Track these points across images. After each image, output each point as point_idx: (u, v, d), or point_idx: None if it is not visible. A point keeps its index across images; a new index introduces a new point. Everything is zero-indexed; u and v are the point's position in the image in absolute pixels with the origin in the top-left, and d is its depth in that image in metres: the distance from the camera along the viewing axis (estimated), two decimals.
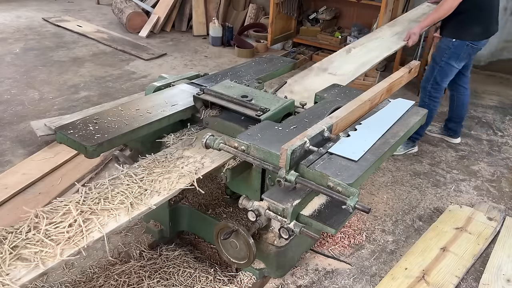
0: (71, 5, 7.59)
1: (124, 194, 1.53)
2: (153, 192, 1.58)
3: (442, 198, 2.99)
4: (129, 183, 1.60)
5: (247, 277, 2.11)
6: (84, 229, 1.38)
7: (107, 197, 1.52)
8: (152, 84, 2.23)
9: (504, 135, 3.94)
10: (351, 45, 2.88)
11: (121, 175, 1.64)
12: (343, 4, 5.80)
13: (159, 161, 1.77)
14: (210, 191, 2.40)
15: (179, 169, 1.72)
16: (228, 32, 5.89)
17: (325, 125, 1.68)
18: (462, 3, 2.93)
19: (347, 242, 2.50)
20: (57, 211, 1.44)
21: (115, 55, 5.33)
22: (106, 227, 1.41)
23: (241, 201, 1.71)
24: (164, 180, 1.64)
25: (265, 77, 2.45)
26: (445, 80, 3.24)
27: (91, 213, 1.45)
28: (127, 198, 1.52)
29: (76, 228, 1.38)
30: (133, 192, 1.55)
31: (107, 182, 1.60)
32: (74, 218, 1.40)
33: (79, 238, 1.35)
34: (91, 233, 1.37)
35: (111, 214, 1.45)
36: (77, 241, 1.34)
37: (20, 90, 4.17)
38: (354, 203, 1.39)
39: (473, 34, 3.05)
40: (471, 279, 2.30)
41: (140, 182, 1.62)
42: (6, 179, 2.74)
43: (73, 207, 1.44)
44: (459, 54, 3.10)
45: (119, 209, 1.48)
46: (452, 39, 3.06)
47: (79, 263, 2.24)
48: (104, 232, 1.38)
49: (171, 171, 1.70)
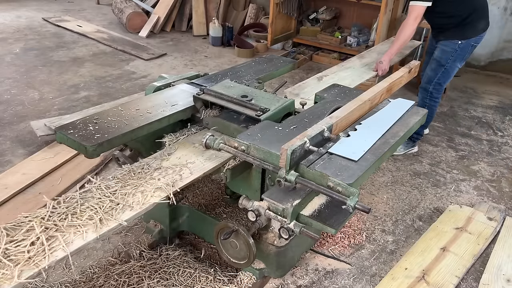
0: (71, 5, 7.59)
1: (93, 209, 1.44)
2: (125, 206, 1.49)
3: (442, 198, 2.99)
4: (101, 197, 1.51)
5: (247, 277, 2.11)
6: (46, 248, 1.28)
7: (76, 212, 1.43)
8: (152, 84, 2.23)
9: (504, 135, 3.94)
10: (323, 73, 2.92)
11: (93, 187, 1.55)
12: (343, 4, 5.80)
13: (135, 172, 1.67)
14: (210, 191, 2.40)
15: (156, 181, 1.62)
16: (228, 32, 5.89)
17: (325, 125, 1.68)
18: (462, 8, 2.97)
19: (347, 242, 2.50)
20: (21, 228, 1.34)
21: (115, 55, 5.33)
22: (71, 245, 1.31)
23: (241, 201, 1.71)
24: (138, 193, 1.55)
25: (265, 77, 2.45)
26: (447, 81, 3.29)
27: (57, 230, 1.35)
28: (97, 214, 1.43)
29: (38, 246, 1.28)
30: (103, 207, 1.46)
31: (78, 195, 1.51)
32: (37, 236, 1.31)
33: (41, 258, 1.25)
34: (54, 252, 1.28)
35: (78, 231, 1.36)
36: (38, 261, 1.24)
37: (20, 90, 4.17)
38: (354, 203, 1.39)
39: (476, 30, 3.10)
40: (471, 279, 2.30)
41: (112, 195, 1.52)
42: (6, 179, 2.74)
43: (37, 224, 1.35)
44: (464, 55, 3.15)
45: (87, 225, 1.39)
46: (458, 41, 3.08)
47: (79, 263, 2.24)
48: (69, 251, 1.29)
49: (147, 183, 1.61)
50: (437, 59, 3.20)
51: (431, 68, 3.26)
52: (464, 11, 3.02)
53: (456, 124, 4.08)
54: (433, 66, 3.24)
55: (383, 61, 3.07)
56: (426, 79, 3.30)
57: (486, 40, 5.25)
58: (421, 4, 2.96)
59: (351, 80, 2.89)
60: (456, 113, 4.32)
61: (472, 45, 3.12)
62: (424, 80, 3.32)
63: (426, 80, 3.30)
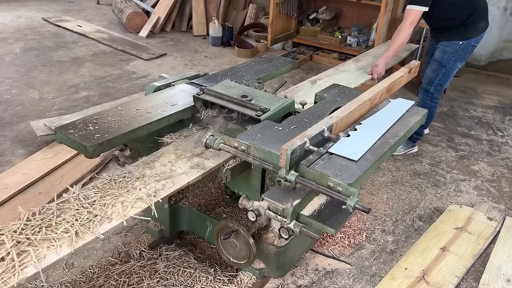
0: (71, 5, 7.59)
1: (70, 222, 1.37)
2: (103, 218, 1.41)
3: (442, 198, 2.99)
4: (79, 208, 1.44)
5: (247, 277, 2.12)
6: (17, 264, 1.21)
7: (51, 225, 1.35)
8: (152, 84, 2.23)
9: (504, 135, 3.94)
10: (317, 76, 2.89)
11: (71, 198, 1.48)
12: (343, 4, 5.80)
13: (116, 181, 1.59)
14: (210, 191, 2.40)
15: (137, 191, 1.54)
16: (228, 32, 5.89)
17: (325, 125, 1.68)
18: (461, 10, 2.97)
19: (347, 242, 2.50)
20: None
21: (115, 55, 5.33)
22: (44, 261, 1.24)
23: (241, 201, 1.71)
24: (118, 204, 1.47)
25: (265, 77, 2.45)
26: (447, 81, 3.29)
27: (29, 244, 1.27)
28: (73, 226, 1.35)
29: (8, 262, 1.21)
30: (80, 219, 1.38)
31: (54, 206, 1.43)
32: (7, 251, 1.23)
33: (10, 275, 1.18)
34: (24, 268, 1.21)
35: (52, 245, 1.28)
36: (6, 278, 1.17)
37: (20, 90, 4.17)
38: (354, 203, 1.39)
39: (477, 30, 3.10)
40: (471, 279, 2.30)
41: (91, 206, 1.45)
42: (6, 179, 2.74)
43: (8, 238, 1.27)
44: (464, 55, 3.16)
45: (62, 239, 1.31)
46: (459, 41, 3.09)
47: (79, 263, 2.24)
48: (40, 267, 1.21)
49: (128, 193, 1.53)
50: (438, 60, 3.20)
51: (432, 69, 3.25)
52: (464, 13, 3.02)
53: (456, 124, 4.08)
54: (434, 67, 3.24)
55: (378, 64, 3.05)
56: (427, 80, 3.29)
57: (486, 40, 5.27)
58: (417, 9, 2.96)
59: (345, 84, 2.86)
60: (456, 113, 4.32)
61: (472, 45, 3.13)
62: (425, 81, 3.31)
63: (427, 81, 3.29)
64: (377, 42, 4.76)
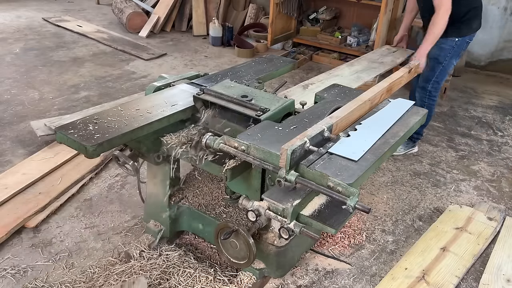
0: (71, 5, 7.59)
1: None
2: None
3: (442, 198, 2.99)
4: None
5: (247, 277, 2.11)
6: None
7: None
8: (152, 84, 2.23)
9: (504, 135, 3.94)
10: (309, 81, 2.84)
11: None
12: (343, 4, 5.80)
13: None
14: (210, 191, 2.40)
15: None
16: (228, 32, 5.89)
17: (325, 125, 1.68)
18: (457, 7, 2.97)
19: (347, 242, 2.50)
20: None
21: (115, 55, 5.33)
22: None
23: (241, 201, 1.71)
24: None
25: (265, 77, 2.45)
26: (444, 78, 3.31)
27: None
28: None
29: None
30: None
31: None
32: None
33: None
34: None
35: None
36: None
37: (20, 90, 4.17)
38: (354, 203, 1.39)
39: (471, 29, 3.14)
40: (471, 279, 2.30)
41: None
42: (6, 179, 2.74)
43: None
44: (459, 52, 3.19)
45: None
46: (455, 38, 3.10)
47: (79, 263, 2.24)
48: None
49: None
50: (435, 57, 3.20)
51: (429, 67, 3.26)
52: (460, 10, 3.03)
53: (456, 124, 4.08)
54: (431, 65, 3.24)
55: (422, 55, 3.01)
56: (424, 78, 3.29)
57: (486, 40, 5.31)
58: None
59: None
60: (456, 113, 4.32)
61: (467, 41, 3.16)
62: (422, 80, 3.32)
63: (424, 79, 3.29)
64: (377, 42, 4.76)
